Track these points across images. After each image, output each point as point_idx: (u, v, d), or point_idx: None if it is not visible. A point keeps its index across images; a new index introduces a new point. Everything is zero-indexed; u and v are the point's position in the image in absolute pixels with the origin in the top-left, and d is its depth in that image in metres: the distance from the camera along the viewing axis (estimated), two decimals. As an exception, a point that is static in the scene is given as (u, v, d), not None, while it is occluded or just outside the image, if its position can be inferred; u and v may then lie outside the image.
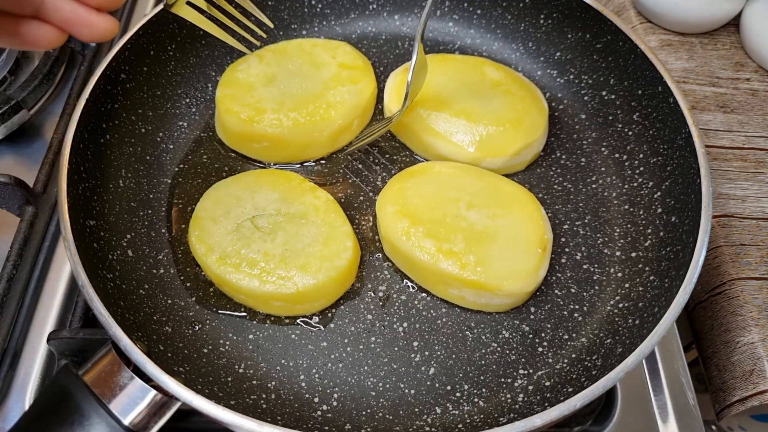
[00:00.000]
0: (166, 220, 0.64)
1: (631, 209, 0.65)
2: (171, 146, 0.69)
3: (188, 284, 0.60)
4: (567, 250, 0.63)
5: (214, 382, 0.54)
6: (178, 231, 0.64)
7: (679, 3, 0.85)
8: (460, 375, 0.56)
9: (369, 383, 0.56)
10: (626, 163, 0.68)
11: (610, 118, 0.71)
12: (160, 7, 0.67)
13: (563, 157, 0.70)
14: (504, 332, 0.59)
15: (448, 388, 0.56)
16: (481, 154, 0.65)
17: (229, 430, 0.48)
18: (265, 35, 0.65)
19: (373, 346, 0.58)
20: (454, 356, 0.57)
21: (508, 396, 0.55)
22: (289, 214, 0.60)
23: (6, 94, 0.74)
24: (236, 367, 0.56)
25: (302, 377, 0.56)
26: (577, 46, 0.73)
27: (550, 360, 0.57)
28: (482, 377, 0.56)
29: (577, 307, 0.60)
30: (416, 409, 0.54)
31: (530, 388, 0.55)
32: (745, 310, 0.66)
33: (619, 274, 0.61)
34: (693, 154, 0.59)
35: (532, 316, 0.59)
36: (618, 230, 0.64)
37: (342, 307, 0.60)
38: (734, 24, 0.90)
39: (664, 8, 0.86)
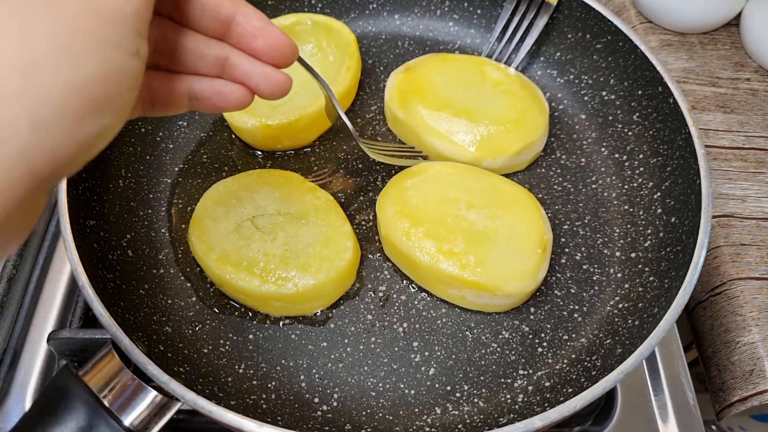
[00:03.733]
0: (166, 220, 0.64)
1: (631, 209, 0.65)
2: (171, 146, 0.69)
3: (188, 284, 0.60)
4: (567, 250, 0.63)
5: (215, 383, 0.54)
6: (178, 231, 0.64)
7: (679, 3, 0.85)
8: (460, 375, 0.56)
9: (369, 383, 0.56)
10: (626, 164, 0.68)
11: (610, 118, 0.71)
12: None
13: (563, 157, 0.70)
14: (504, 332, 0.59)
15: (448, 388, 0.56)
16: (482, 154, 0.65)
17: (229, 431, 0.48)
18: None
19: (373, 346, 0.58)
20: (454, 356, 0.57)
21: (508, 396, 0.55)
22: (290, 214, 0.60)
23: (6, 93, 0.74)
24: (236, 367, 0.56)
25: (302, 377, 0.56)
26: (577, 46, 0.73)
27: (550, 360, 0.57)
28: (482, 377, 0.56)
29: (576, 307, 0.60)
30: (416, 410, 0.54)
31: (530, 388, 0.55)
32: (745, 310, 0.66)
33: (619, 275, 0.61)
34: (693, 155, 0.59)
35: (531, 317, 0.59)
36: (618, 231, 0.64)
37: (342, 307, 0.60)
38: (734, 24, 0.90)
39: (664, 8, 0.86)
